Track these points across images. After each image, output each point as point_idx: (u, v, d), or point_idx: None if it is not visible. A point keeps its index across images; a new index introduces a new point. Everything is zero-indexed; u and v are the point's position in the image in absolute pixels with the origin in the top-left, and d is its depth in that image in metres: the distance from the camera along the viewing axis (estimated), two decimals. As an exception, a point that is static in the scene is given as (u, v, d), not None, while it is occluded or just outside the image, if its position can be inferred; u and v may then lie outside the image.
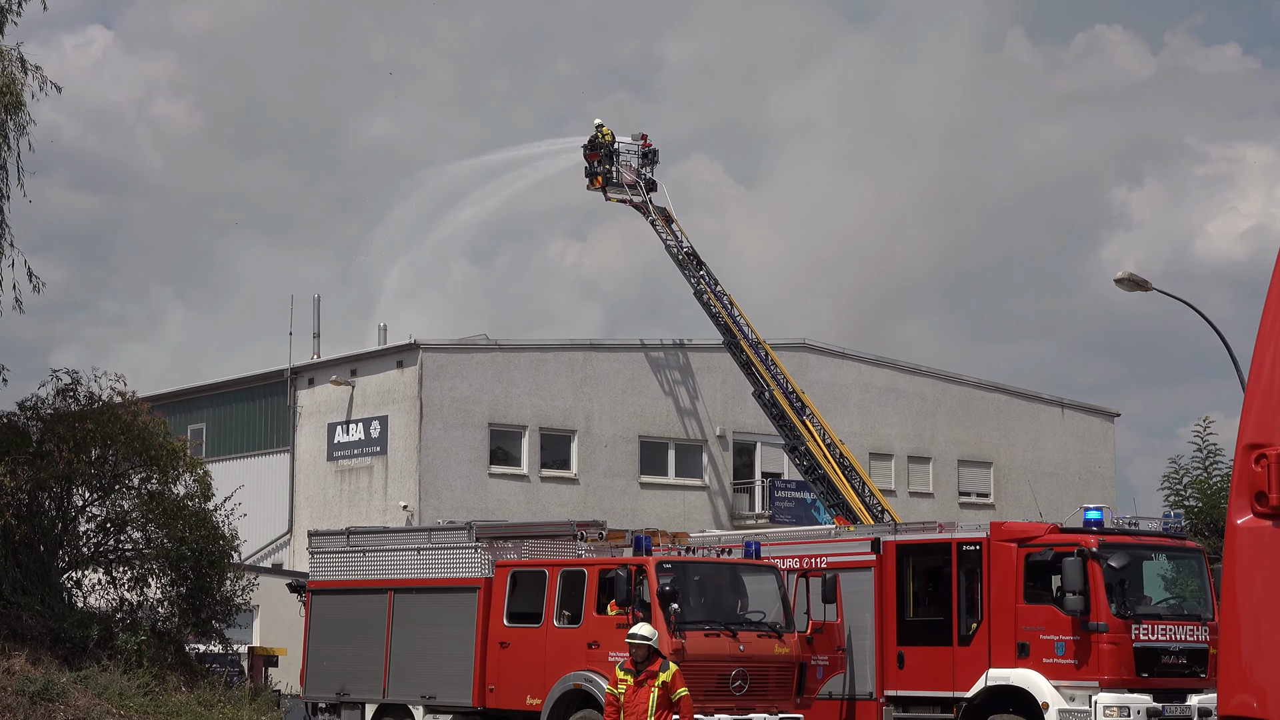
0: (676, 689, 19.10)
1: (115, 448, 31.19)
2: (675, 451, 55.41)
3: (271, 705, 30.35)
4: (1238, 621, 8.14)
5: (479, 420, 51.97)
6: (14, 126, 27.66)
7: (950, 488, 60.20)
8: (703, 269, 52.46)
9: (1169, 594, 26.68)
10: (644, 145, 54.46)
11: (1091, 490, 58.45)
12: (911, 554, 26.75)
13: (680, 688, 19.13)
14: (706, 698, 23.51)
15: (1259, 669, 8.02)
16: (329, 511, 52.59)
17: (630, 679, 19.22)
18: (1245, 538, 8.12)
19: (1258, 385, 8.19)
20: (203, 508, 32.08)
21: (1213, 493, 40.52)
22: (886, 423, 58.99)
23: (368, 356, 53.58)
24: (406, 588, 26.98)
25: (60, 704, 26.32)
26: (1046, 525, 25.98)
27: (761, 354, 51.03)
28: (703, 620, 23.86)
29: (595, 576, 24.30)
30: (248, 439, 56.90)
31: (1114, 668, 24.57)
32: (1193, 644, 25.31)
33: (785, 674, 24.39)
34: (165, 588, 31.72)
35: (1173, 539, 26.87)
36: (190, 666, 30.79)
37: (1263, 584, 8.04)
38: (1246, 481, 8.11)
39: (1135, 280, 34.65)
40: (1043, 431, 62.44)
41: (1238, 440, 8.23)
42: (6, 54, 27.67)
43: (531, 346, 54.00)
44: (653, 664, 19.25)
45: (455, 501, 49.96)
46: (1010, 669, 25.10)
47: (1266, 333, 8.21)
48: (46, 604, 29.36)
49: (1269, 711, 7.94)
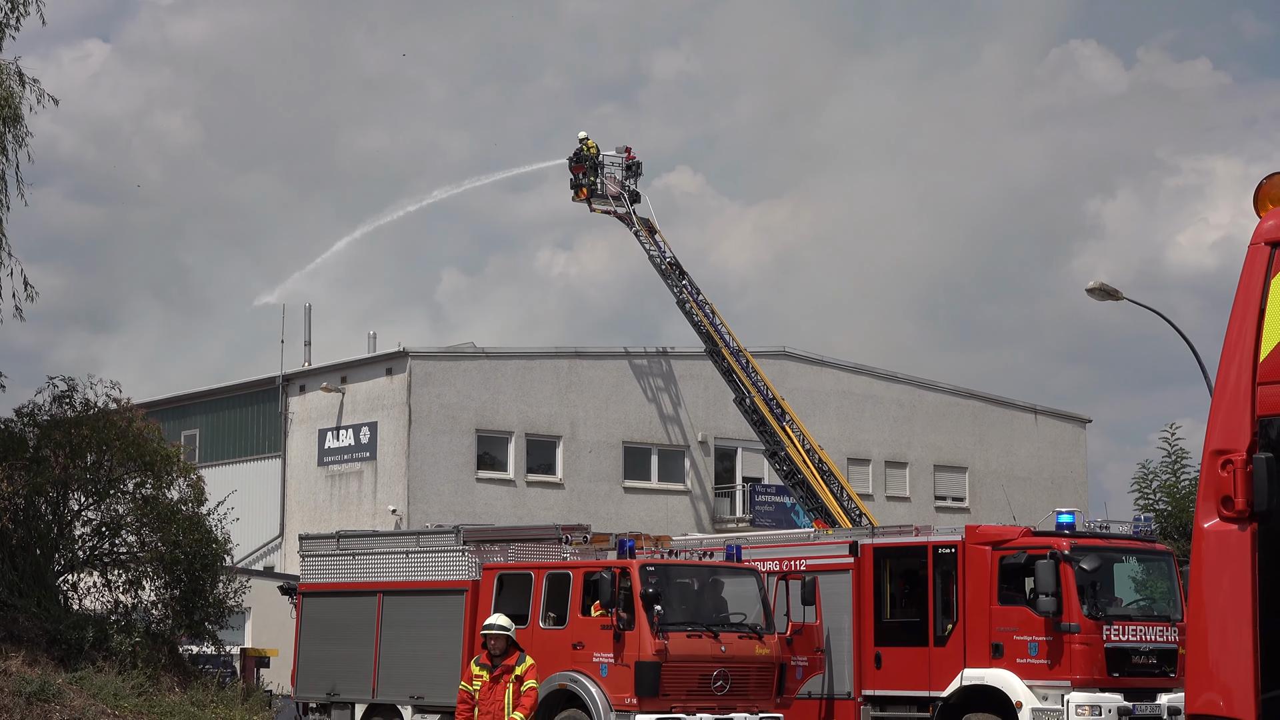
0: (528, 680, 17.84)
1: (110, 453, 31.13)
2: (658, 457, 55.40)
3: (263, 705, 30.29)
4: (1205, 622, 8.18)
5: (466, 426, 51.94)
6: (12, 139, 27.63)
7: (926, 492, 60.24)
8: (685, 278, 52.49)
9: (1139, 595, 26.74)
10: (628, 158, 54.47)
11: (1064, 494, 58.52)
12: (888, 557, 26.78)
13: (531, 679, 17.90)
14: (689, 697, 23.54)
15: (1225, 668, 8.06)
16: (319, 516, 52.52)
17: (486, 674, 17.96)
18: (1212, 541, 8.16)
19: (1224, 393, 8.24)
20: (196, 512, 32.03)
21: (1181, 497, 40.57)
22: (864, 429, 59.03)
23: (357, 364, 53.54)
24: (395, 590, 26.96)
25: (56, 704, 26.26)
26: (1020, 529, 26.03)
27: (742, 361, 51.05)
28: (685, 622, 23.86)
29: (580, 579, 24.30)
30: (240, 444, 56.82)
31: (1086, 667, 24.62)
32: (1162, 644, 25.36)
33: (766, 674, 24.40)
34: (159, 590, 31.66)
35: (1142, 542, 26.93)
36: (184, 667, 30.74)
37: (1228, 586, 8.08)
38: (1213, 486, 8.16)
39: (1106, 290, 34.72)
40: (1016, 437, 62.51)
41: (1205, 446, 8.27)
42: (5, 68, 27.65)
43: (518, 354, 54.00)
44: (509, 657, 17.99)
45: (443, 506, 49.92)
46: (985, 669, 25.13)
47: (1232, 343, 8.26)
48: (43, 606, 29.31)
49: (1235, 709, 7.98)
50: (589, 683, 23.74)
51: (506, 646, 18.02)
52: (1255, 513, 7.99)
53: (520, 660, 18.00)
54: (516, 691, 17.76)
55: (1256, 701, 7.95)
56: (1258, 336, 8.18)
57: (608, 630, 23.60)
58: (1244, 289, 8.29)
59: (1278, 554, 7.95)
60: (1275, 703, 7.91)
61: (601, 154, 54.03)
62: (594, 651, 23.76)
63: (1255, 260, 8.30)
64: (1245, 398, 8.13)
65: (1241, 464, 8.03)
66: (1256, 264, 8.29)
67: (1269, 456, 7.96)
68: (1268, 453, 7.98)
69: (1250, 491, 7.98)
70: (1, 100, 27.07)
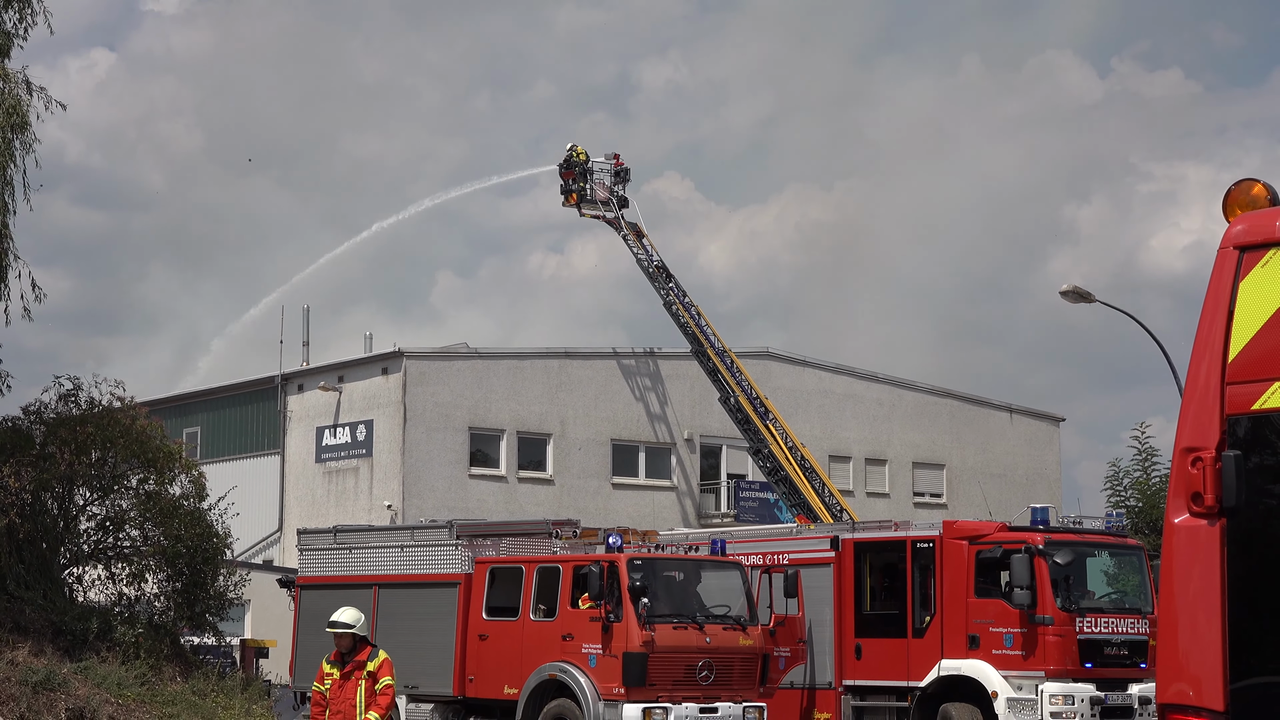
0: (382, 678, 16.65)
1: (114, 450, 31.06)
2: (645, 454, 55.38)
3: (262, 695, 30.22)
4: (1175, 615, 8.19)
5: (460, 424, 51.90)
6: (20, 145, 27.54)
7: (905, 488, 60.26)
8: (671, 281, 52.50)
9: (1111, 589, 26.78)
10: (616, 164, 54.49)
11: (1038, 491, 58.53)
12: (869, 551, 26.81)
13: (386, 676, 16.70)
14: (675, 687, 23.55)
15: (1195, 659, 8.07)
16: (317, 511, 52.46)
17: (336, 672, 16.77)
18: (1182, 536, 8.17)
19: (1194, 393, 8.25)
20: (197, 507, 31.96)
21: (1152, 493, 40.64)
22: (845, 427, 59.04)
23: (354, 364, 53.47)
24: (391, 583, 26.94)
25: (61, 693, 26.20)
26: (996, 524, 26.07)
27: (727, 362, 51.06)
28: (671, 614, 23.88)
29: (570, 572, 24.30)
30: (240, 442, 56.74)
31: (1059, 658, 24.66)
32: (1133, 636, 25.41)
33: (749, 664, 24.41)
34: (162, 583, 31.59)
35: (1114, 537, 26.99)
36: (185, 658, 30.68)
37: (1198, 579, 8.09)
38: (1183, 483, 8.16)
39: (1079, 292, 34.75)
40: (992, 435, 62.54)
41: (1175, 444, 8.28)
42: (12, 76, 27.56)
43: (509, 354, 53.97)
44: (360, 653, 16.78)
45: (437, 501, 49.88)
46: (961, 660, 25.17)
47: (1201, 344, 8.27)
48: (49, 599, 29.24)
49: (1204, 699, 7.99)
50: (578, 673, 23.74)
51: (354, 643, 16.83)
52: (1224, 508, 8.00)
53: (373, 655, 16.83)
54: (370, 689, 16.61)
55: (1225, 691, 7.96)
56: (1226, 338, 8.19)
57: (596, 622, 23.61)
58: (1213, 292, 8.30)
59: (1246, 548, 7.96)
60: (1243, 693, 7.93)
61: (590, 160, 54.05)
62: (583, 643, 23.76)
63: (1224, 264, 8.31)
64: (1214, 397, 8.15)
65: (1211, 461, 8.03)
66: (1225, 268, 8.30)
67: (1237, 454, 7.97)
68: (1236, 450, 7.99)
69: (1219, 488, 7.99)
70: (10, 108, 26.98)
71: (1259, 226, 8.28)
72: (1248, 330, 8.14)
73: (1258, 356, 8.08)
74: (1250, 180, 8.57)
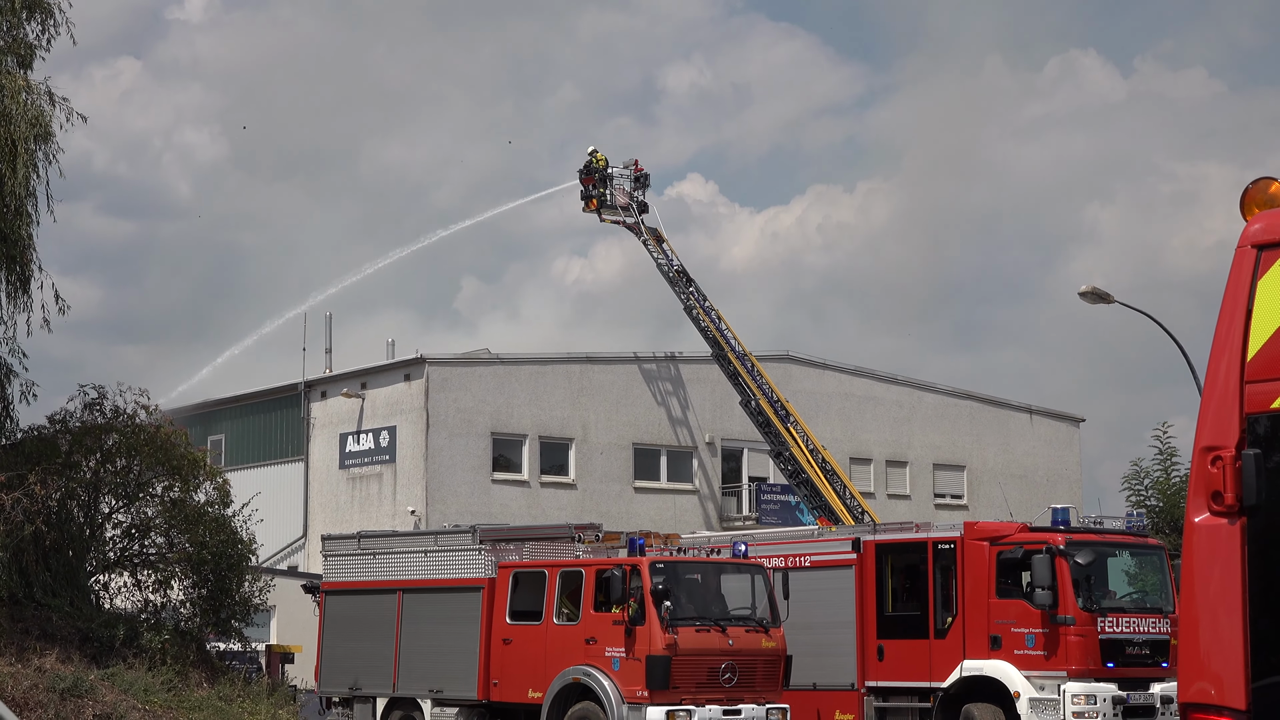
0: None
1: (139, 458, 31.11)
2: (667, 458, 55.36)
3: (288, 700, 30.24)
4: (1196, 614, 8.15)
5: (482, 429, 51.93)
6: (43, 156, 27.59)
7: (926, 490, 60.16)
8: (692, 285, 52.48)
9: (1132, 588, 26.71)
10: (635, 170, 54.51)
11: (1059, 491, 58.42)
12: (890, 553, 26.76)
13: None
14: (698, 689, 23.54)
15: (1216, 658, 8.03)
16: (341, 517, 52.52)
17: None
18: (1202, 535, 8.14)
19: (1213, 392, 8.21)
20: (222, 514, 31.99)
21: (1172, 492, 40.55)
22: (866, 429, 58.97)
23: (377, 370, 53.54)
24: (414, 588, 26.96)
25: (89, 700, 26.24)
26: (1017, 525, 26.01)
27: (748, 365, 51.02)
28: (694, 617, 23.86)
29: (592, 576, 24.29)
30: (264, 449, 56.83)
31: (1081, 658, 24.60)
32: (1155, 635, 25.33)
33: (772, 666, 24.39)
34: (187, 589, 31.63)
35: (1135, 537, 26.92)
36: (211, 664, 30.70)
37: (1219, 578, 8.05)
38: (1203, 482, 8.13)
39: (1098, 293, 34.67)
40: (1013, 436, 62.42)
41: (1195, 443, 8.24)
42: (35, 88, 27.62)
43: (531, 360, 53.98)
44: None
45: (460, 506, 49.92)
46: (983, 660, 25.12)
47: (1220, 343, 8.23)
48: (75, 606, 29.29)
49: (1226, 698, 7.96)
50: (602, 676, 23.73)
51: None
52: (1244, 507, 7.97)
53: None
54: None
55: (1247, 690, 7.93)
56: (1245, 337, 8.16)
57: (619, 625, 23.60)
58: (1231, 291, 8.26)
59: (1266, 546, 7.93)
60: (1265, 691, 7.89)
61: (610, 166, 54.10)
62: (606, 646, 23.75)
63: (1242, 263, 8.28)
64: (1234, 396, 8.11)
65: (1231, 460, 8.00)
66: (1243, 267, 8.26)
67: (1257, 452, 7.93)
68: (1255, 448, 7.96)
69: (1239, 486, 7.96)
70: (33, 119, 27.04)
71: (1277, 225, 8.24)
72: (1266, 329, 8.10)
73: (1276, 355, 8.04)
74: (1268, 179, 8.53)
